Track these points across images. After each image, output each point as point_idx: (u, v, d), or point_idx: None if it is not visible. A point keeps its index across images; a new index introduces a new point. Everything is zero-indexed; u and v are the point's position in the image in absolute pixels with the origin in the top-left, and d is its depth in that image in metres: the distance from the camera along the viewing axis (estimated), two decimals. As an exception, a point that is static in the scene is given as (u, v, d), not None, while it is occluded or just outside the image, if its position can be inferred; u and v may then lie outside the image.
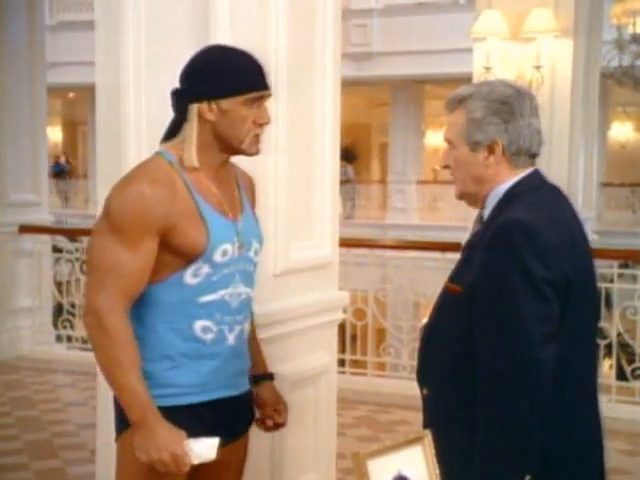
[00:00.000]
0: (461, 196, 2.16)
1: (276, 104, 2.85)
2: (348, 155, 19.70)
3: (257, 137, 2.20)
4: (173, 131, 2.21)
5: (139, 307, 2.14)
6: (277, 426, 2.43)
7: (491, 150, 2.05)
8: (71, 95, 21.39)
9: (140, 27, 2.91)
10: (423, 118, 19.22)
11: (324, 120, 3.12)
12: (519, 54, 6.71)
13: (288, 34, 2.89)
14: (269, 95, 2.21)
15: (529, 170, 2.09)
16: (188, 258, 2.13)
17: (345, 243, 4.82)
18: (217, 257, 2.15)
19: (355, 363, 6.61)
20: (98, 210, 3.10)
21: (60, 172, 21.35)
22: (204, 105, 2.14)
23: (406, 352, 6.21)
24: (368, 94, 20.22)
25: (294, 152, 2.97)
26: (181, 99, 2.18)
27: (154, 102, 2.89)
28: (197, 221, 2.13)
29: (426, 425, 2.03)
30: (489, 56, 6.64)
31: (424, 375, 2.15)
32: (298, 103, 2.98)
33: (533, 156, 2.10)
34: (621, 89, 11.05)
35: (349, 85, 6.44)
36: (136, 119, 2.92)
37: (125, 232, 2.07)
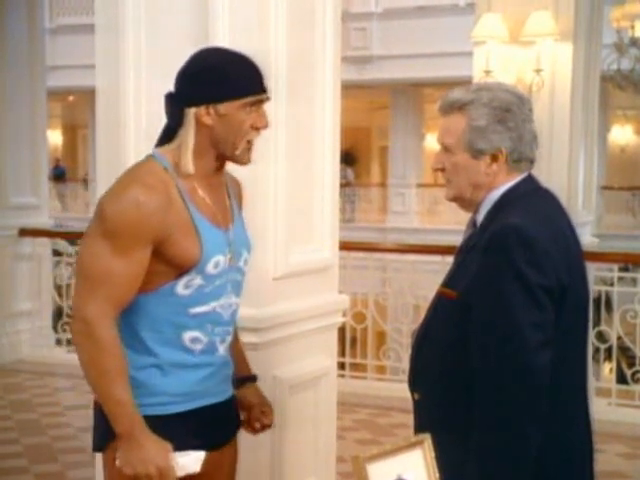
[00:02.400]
0: (455, 199, 2.14)
1: (276, 108, 2.85)
2: (348, 158, 19.72)
3: (250, 143, 2.15)
4: (168, 137, 2.15)
5: (127, 315, 2.10)
6: (264, 427, 2.40)
7: (494, 158, 2.04)
8: (71, 98, 21.41)
9: (140, 30, 2.91)
10: (423, 121, 19.23)
11: (324, 123, 3.12)
12: (519, 57, 6.71)
13: (288, 37, 2.89)
14: (267, 99, 2.17)
15: (523, 175, 2.08)
16: (180, 269, 2.08)
17: (345, 246, 4.82)
18: (210, 269, 2.11)
19: (355, 366, 6.61)
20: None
21: (60, 175, 21.37)
22: (202, 109, 2.09)
23: (406, 355, 6.18)
24: (368, 97, 20.24)
25: (294, 155, 2.97)
26: (177, 103, 2.12)
27: (154, 105, 2.88)
28: (191, 232, 2.08)
29: (417, 430, 2.03)
30: (489, 59, 6.64)
31: (415, 380, 2.15)
32: (298, 107, 2.98)
33: (532, 161, 2.09)
34: (621, 92, 11.05)
35: (349, 88, 6.43)
36: (136, 122, 2.92)
37: (118, 239, 2.02)
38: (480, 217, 2.08)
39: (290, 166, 2.95)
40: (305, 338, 3.07)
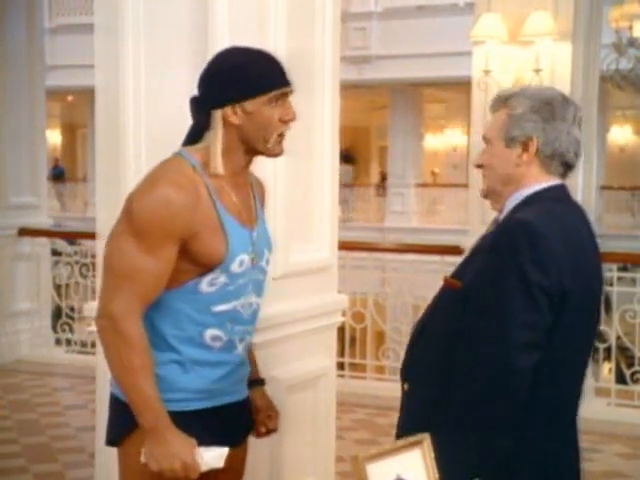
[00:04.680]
0: (487, 194, 2.13)
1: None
2: (348, 158, 19.72)
3: (281, 136, 2.17)
4: (194, 137, 2.15)
5: (149, 312, 2.10)
6: (268, 432, 2.41)
7: (525, 147, 2.02)
8: (70, 98, 21.39)
9: (139, 30, 2.91)
10: (422, 121, 19.23)
11: (323, 123, 3.12)
12: (518, 57, 6.71)
13: (287, 37, 2.89)
14: (292, 91, 2.19)
15: (555, 181, 2.06)
16: (206, 267, 2.09)
17: (344, 246, 4.82)
18: (234, 267, 2.12)
19: (354, 366, 6.61)
20: (97, 213, 3.11)
21: (59, 175, 21.35)
22: (228, 110, 2.10)
23: (405, 355, 6.19)
24: (367, 97, 20.23)
25: (293, 155, 2.96)
26: (202, 106, 2.13)
27: (153, 105, 2.89)
28: (217, 231, 2.09)
29: (401, 420, 2.03)
30: (488, 59, 6.64)
31: (408, 370, 2.15)
32: (297, 106, 2.96)
33: (566, 165, 2.06)
34: (620, 92, 11.05)
35: (348, 88, 6.44)
36: (135, 122, 2.92)
37: (146, 237, 2.02)
38: (502, 217, 2.07)
39: (289, 166, 2.94)
40: (304, 338, 3.07)
